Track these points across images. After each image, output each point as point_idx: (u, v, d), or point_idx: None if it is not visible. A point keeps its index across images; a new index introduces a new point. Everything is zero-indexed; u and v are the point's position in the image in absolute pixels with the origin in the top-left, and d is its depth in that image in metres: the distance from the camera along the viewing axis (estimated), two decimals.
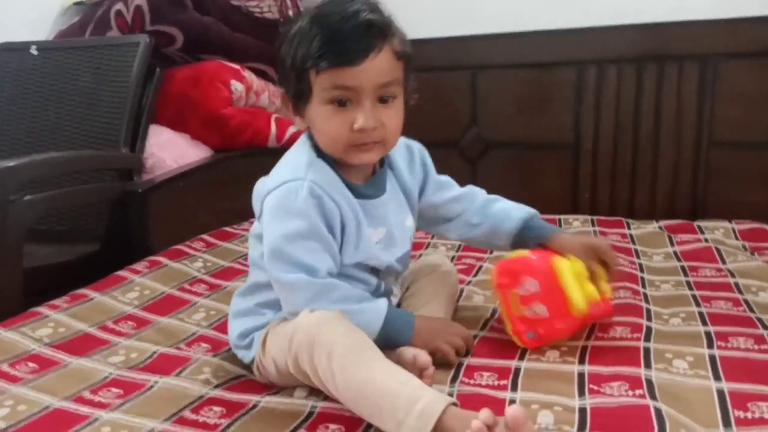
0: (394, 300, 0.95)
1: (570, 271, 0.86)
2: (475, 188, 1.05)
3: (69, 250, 1.41)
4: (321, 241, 0.81)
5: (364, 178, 0.88)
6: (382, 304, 0.83)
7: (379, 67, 0.78)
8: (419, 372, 0.76)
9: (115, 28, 1.61)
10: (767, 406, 0.71)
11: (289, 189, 0.80)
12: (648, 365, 0.81)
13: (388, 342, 0.81)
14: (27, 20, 1.79)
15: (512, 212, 0.99)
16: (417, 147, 0.99)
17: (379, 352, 0.73)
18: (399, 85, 0.82)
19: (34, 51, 1.62)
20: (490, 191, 1.77)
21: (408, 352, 0.80)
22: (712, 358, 0.82)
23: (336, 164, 0.84)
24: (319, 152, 0.85)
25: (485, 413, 0.62)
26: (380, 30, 0.79)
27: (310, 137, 0.86)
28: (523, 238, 0.97)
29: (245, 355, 0.88)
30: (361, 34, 0.77)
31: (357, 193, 0.85)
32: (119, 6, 1.59)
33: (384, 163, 0.92)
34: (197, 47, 1.62)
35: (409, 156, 0.96)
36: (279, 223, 0.80)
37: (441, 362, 0.84)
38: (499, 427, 0.62)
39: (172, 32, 1.57)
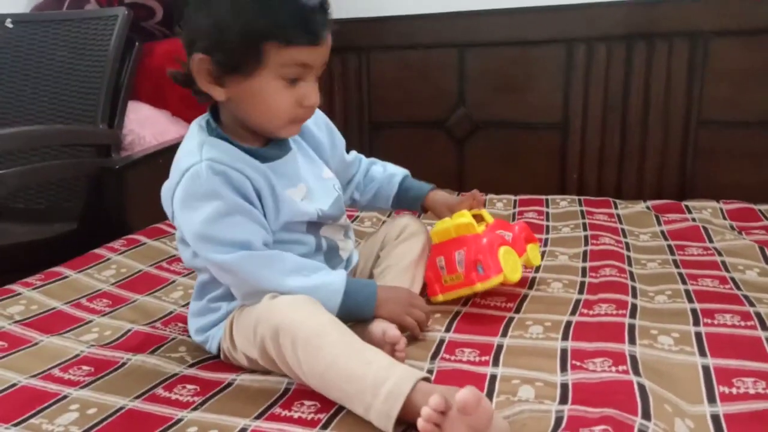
0: (344, 254, 0.92)
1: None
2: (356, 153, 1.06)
3: (46, 228, 1.38)
4: (244, 213, 0.77)
5: (262, 142, 0.84)
6: (339, 277, 0.80)
7: (328, 45, 0.77)
8: (390, 348, 0.74)
9: (93, 1, 1.56)
10: (752, 382, 0.70)
11: (191, 175, 0.75)
12: (632, 341, 0.79)
13: (352, 316, 0.79)
14: None
15: (392, 176, 1.04)
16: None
17: (346, 333, 0.70)
18: None
19: (9, 24, 1.57)
20: (477, 172, 1.77)
21: (377, 327, 0.78)
22: (698, 335, 0.81)
23: (233, 135, 0.80)
24: (211, 132, 0.80)
25: (435, 399, 0.60)
26: (329, 8, 0.78)
27: (207, 120, 0.82)
28: (402, 198, 1.04)
29: (209, 348, 0.85)
30: (324, 13, 0.76)
31: (260, 157, 0.81)
32: None
33: None
34: (177, 21, 1.58)
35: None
36: (194, 212, 0.75)
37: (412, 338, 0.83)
38: (453, 410, 0.60)
39: (152, 5, 1.53)
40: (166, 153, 1.44)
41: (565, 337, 0.82)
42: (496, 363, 0.77)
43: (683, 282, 1.00)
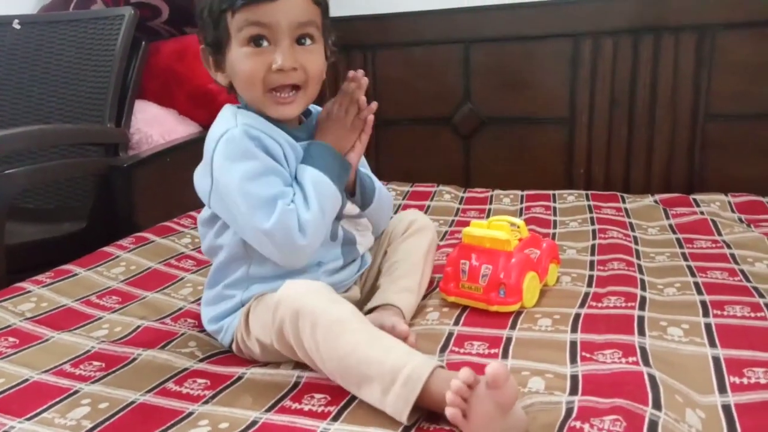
0: (361, 249, 0.92)
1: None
2: None
3: (56, 227, 1.39)
4: (276, 173, 0.78)
5: (294, 125, 0.86)
6: (307, 169, 0.80)
7: (296, 3, 0.77)
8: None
9: (100, 1, 1.57)
10: (763, 372, 0.69)
11: (226, 139, 0.77)
12: (642, 333, 0.79)
13: (338, 172, 0.81)
14: None
15: None
16: None
17: (365, 321, 0.72)
18: (317, 29, 0.81)
19: (16, 25, 1.58)
20: (483, 168, 1.77)
21: (387, 321, 0.78)
22: (708, 326, 0.81)
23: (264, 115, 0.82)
24: (244, 108, 0.83)
25: (465, 372, 0.60)
26: None
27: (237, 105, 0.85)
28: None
29: (222, 339, 0.86)
30: None
31: (292, 136, 0.83)
32: None
33: (309, 114, 0.90)
34: (183, 20, 1.59)
35: None
36: (233, 171, 0.76)
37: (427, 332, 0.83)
38: (480, 385, 0.60)
39: (158, 4, 1.54)
40: (174, 151, 1.45)
41: (574, 330, 0.82)
42: (505, 355, 0.77)
43: (692, 274, 0.99)
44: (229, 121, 0.79)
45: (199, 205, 1.43)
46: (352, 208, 0.90)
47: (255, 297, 0.82)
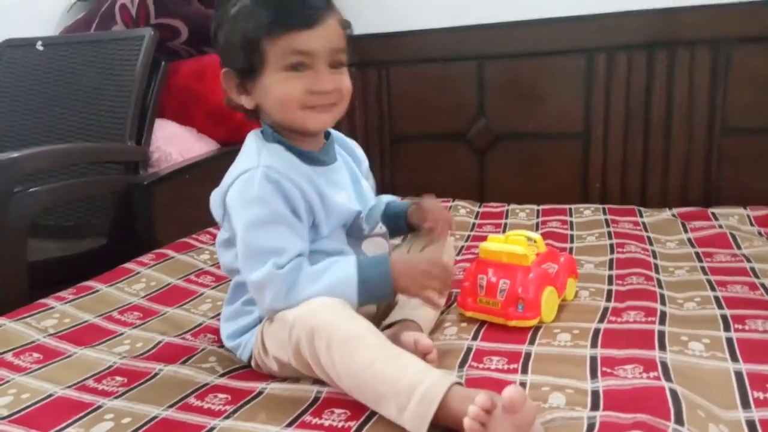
0: None
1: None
2: None
3: (76, 244, 1.41)
4: (286, 224, 0.78)
5: (317, 148, 0.88)
6: (349, 269, 0.78)
7: (331, 31, 0.80)
8: (422, 357, 0.75)
9: (120, 22, 1.60)
10: None
11: (245, 179, 0.79)
12: (662, 348, 0.79)
13: (373, 295, 0.78)
14: (33, 16, 1.80)
15: (381, 197, 1.01)
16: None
17: (381, 337, 0.72)
18: (345, 53, 0.83)
19: (39, 46, 1.62)
20: (498, 183, 1.78)
21: (408, 336, 0.78)
22: (729, 341, 0.80)
23: (289, 139, 0.84)
24: (268, 138, 0.84)
25: (482, 398, 0.60)
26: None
27: (262, 130, 0.86)
28: (389, 215, 0.99)
29: (240, 355, 0.87)
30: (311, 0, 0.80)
31: (315, 161, 0.85)
32: (124, 0, 1.59)
33: (329, 136, 0.91)
34: (202, 40, 1.61)
35: (342, 138, 0.98)
36: (241, 214, 0.78)
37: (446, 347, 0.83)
38: (498, 409, 0.60)
39: (177, 25, 1.57)
40: (193, 169, 1.47)
41: (594, 345, 0.82)
42: (525, 370, 0.77)
43: (712, 288, 0.99)
44: (251, 159, 0.80)
45: (215, 221, 1.45)
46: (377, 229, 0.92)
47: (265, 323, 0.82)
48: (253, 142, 0.85)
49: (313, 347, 0.71)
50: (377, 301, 0.81)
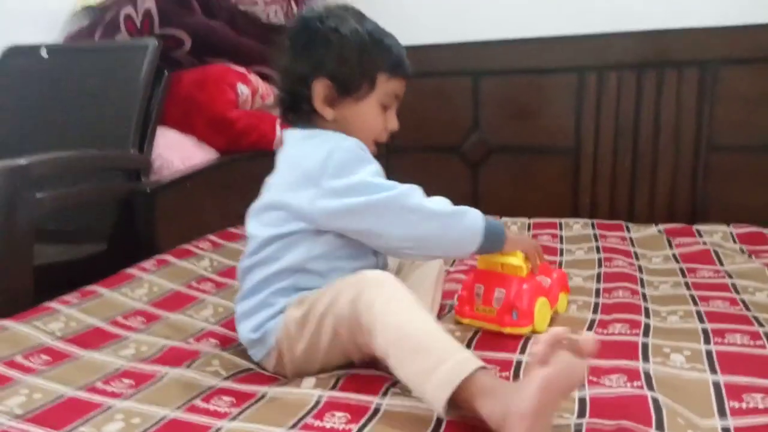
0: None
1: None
2: None
3: (77, 249, 1.43)
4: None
5: None
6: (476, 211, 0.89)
7: None
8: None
9: (124, 31, 1.63)
10: (761, 397, 0.73)
11: (345, 148, 0.87)
12: (646, 359, 0.83)
13: (490, 242, 0.88)
14: (37, 23, 1.82)
15: None
16: None
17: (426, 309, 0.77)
18: None
19: (44, 53, 1.64)
20: (491, 196, 1.82)
21: None
22: (709, 353, 0.85)
23: None
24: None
25: (561, 328, 0.66)
26: None
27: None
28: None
29: (258, 351, 0.90)
30: None
31: None
32: (128, 10, 1.62)
33: None
34: (204, 50, 1.65)
35: None
36: (361, 169, 0.86)
37: None
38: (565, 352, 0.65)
39: (181, 35, 1.60)
40: (194, 177, 1.50)
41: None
42: (516, 379, 0.81)
43: (695, 303, 1.03)
44: (335, 137, 0.89)
45: (215, 229, 1.48)
46: None
47: (297, 299, 0.86)
48: (327, 132, 0.91)
49: (356, 310, 0.76)
50: (491, 247, 0.91)
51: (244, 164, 1.69)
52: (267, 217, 0.91)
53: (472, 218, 0.87)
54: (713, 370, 0.80)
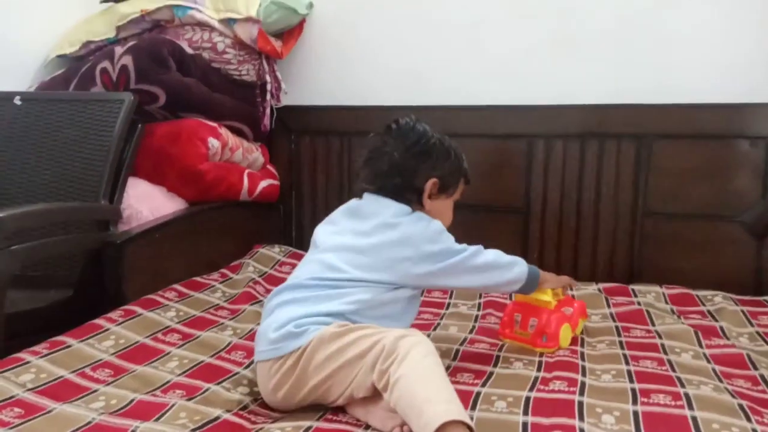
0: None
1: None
2: None
3: (43, 295, 1.45)
4: None
5: None
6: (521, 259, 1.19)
7: None
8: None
9: (100, 84, 1.69)
10: None
11: (439, 227, 1.12)
12: (581, 418, 0.92)
13: (528, 285, 1.19)
14: (7, 70, 1.85)
15: None
16: None
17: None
18: None
19: (17, 101, 1.68)
20: None
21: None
22: (635, 414, 0.94)
23: None
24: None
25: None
26: None
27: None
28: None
29: (284, 346, 0.98)
30: None
31: None
32: (105, 64, 1.68)
33: None
34: (178, 106, 1.72)
35: None
36: (441, 241, 1.11)
37: None
38: None
39: (156, 91, 1.67)
40: (163, 228, 1.56)
41: (525, 412, 0.94)
42: None
43: (626, 362, 1.14)
44: (431, 219, 1.13)
45: (182, 276, 1.53)
46: None
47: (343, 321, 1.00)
48: (422, 214, 1.14)
49: (386, 361, 0.89)
50: (530, 288, 1.21)
51: (212, 214, 1.76)
52: (356, 260, 1.07)
53: (520, 268, 1.17)
54: (638, 431, 0.89)
